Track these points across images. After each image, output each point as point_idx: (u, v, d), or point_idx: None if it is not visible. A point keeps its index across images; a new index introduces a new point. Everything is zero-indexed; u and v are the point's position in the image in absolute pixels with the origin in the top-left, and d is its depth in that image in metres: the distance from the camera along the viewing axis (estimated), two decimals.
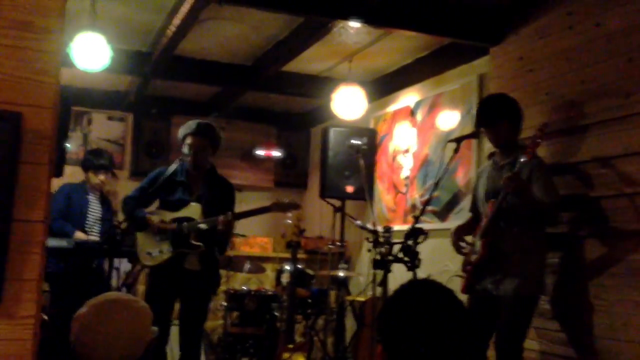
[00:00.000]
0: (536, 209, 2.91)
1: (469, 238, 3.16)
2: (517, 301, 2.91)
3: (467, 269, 3.01)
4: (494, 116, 3.03)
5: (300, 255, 5.31)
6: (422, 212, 3.24)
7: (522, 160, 2.85)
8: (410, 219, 4.75)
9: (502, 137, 3.06)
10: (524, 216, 2.95)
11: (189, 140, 3.53)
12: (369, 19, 3.62)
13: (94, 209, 4.42)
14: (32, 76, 1.35)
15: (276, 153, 6.29)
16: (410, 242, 3.16)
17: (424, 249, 3.27)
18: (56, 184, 4.32)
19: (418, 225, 3.19)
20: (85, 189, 4.45)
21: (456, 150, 3.13)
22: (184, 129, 3.59)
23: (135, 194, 3.61)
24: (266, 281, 5.79)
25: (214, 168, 3.70)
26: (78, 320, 1.56)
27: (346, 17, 3.57)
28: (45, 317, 3.89)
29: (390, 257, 3.23)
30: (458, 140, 3.15)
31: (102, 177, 4.44)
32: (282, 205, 3.60)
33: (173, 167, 3.62)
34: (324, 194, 5.06)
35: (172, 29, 4.10)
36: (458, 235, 3.16)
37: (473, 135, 3.23)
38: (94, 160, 4.46)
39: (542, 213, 2.94)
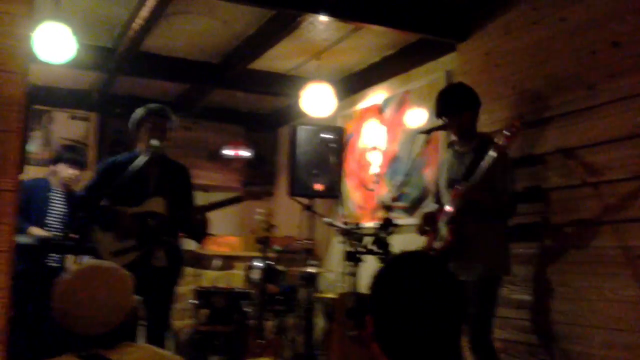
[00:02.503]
0: (492, 208, 3.03)
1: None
2: (481, 284, 2.98)
3: (432, 254, 3.04)
4: (458, 106, 3.09)
5: (269, 254, 5.27)
6: (395, 200, 3.26)
7: (491, 154, 2.87)
8: (379, 215, 4.77)
9: (465, 126, 3.13)
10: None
11: (152, 120, 3.41)
12: (337, 13, 3.64)
13: (57, 206, 4.24)
14: (0, 40, 1.31)
15: (244, 153, 6.25)
16: (382, 234, 3.17)
17: (393, 244, 3.28)
18: None
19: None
20: (48, 184, 4.27)
21: (427, 142, 3.15)
22: (145, 110, 3.45)
23: (87, 192, 3.44)
24: (235, 280, 5.72)
25: (166, 154, 3.54)
26: (60, 285, 1.53)
27: (315, 10, 3.58)
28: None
29: (362, 249, 3.24)
30: (429, 132, 3.17)
31: (72, 171, 4.27)
32: (254, 192, 3.54)
33: (123, 156, 3.48)
34: (292, 192, 5.05)
35: (138, 22, 4.03)
36: (426, 219, 3.22)
37: (444, 127, 3.26)
38: (67, 153, 4.32)
39: (499, 211, 3.05)
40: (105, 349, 1.51)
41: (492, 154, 2.86)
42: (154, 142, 3.33)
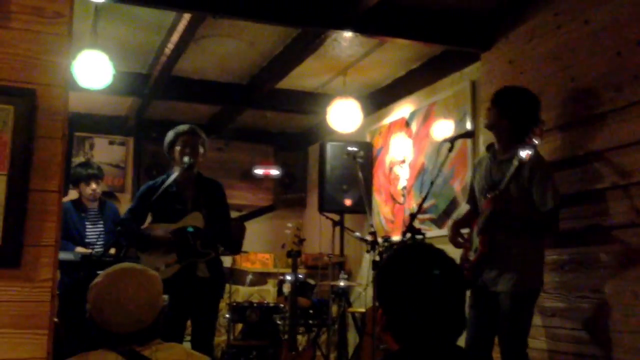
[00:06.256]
0: (526, 222, 2.91)
1: (465, 231, 3.17)
2: (515, 297, 2.89)
3: (466, 266, 2.98)
4: (518, 106, 2.96)
5: (301, 270, 5.34)
6: (418, 211, 3.27)
7: (514, 162, 2.78)
8: (405, 224, 4.80)
9: (511, 131, 2.95)
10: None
11: (183, 139, 3.52)
12: (361, 29, 3.73)
13: (94, 224, 4.32)
14: (44, 57, 1.45)
15: (274, 172, 6.35)
16: (407, 241, 3.20)
17: None
18: None
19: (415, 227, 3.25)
20: (81, 205, 4.33)
21: (450, 150, 3.16)
22: (175, 131, 3.58)
23: (128, 214, 3.57)
24: (268, 296, 5.81)
25: (200, 172, 3.66)
26: (94, 288, 1.62)
27: (339, 26, 3.68)
28: (56, 320, 3.87)
29: None
30: (452, 140, 3.18)
31: (93, 186, 4.32)
32: (286, 200, 3.62)
33: (160, 179, 3.60)
34: (322, 207, 5.13)
35: (170, 47, 4.21)
36: (455, 229, 3.16)
37: (467, 134, 3.28)
38: (82, 171, 4.35)
39: (534, 224, 2.93)
40: (138, 345, 1.59)
41: (514, 162, 2.78)
42: (186, 159, 3.46)
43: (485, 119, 3.09)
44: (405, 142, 5.02)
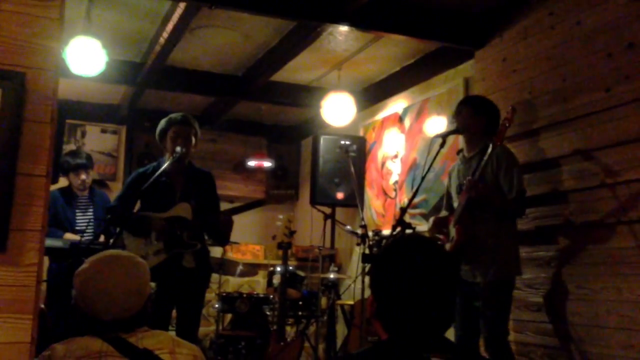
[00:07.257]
0: (500, 207, 3.04)
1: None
2: (494, 287, 2.99)
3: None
4: (478, 105, 3.17)
5: (291, 262, 5.36)
6: (409, 205, 3.30)
7: (490, 149, 2.93)
8: (395, 218, 4.82)
9: (474, 129, 3.14)
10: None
11: (175, 128, 3.49)
12: (357, 23, 3.73)
13: (83, 212, 4.31)
14: (34, 40, 1.44)
15: (267, 164, 6.36)
16: (398, 235, 3.22)
17: None
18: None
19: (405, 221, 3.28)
20: (71, 193, 4.31)
21: (441, 145, 3.19)
22: (167, 120, 3.54)
23: (117, 202, 3.54)
24: (258, 288, 5.83)
25: (191, 162, 3.64)
26: (79, 275, 1.61)
27: (335, 20, 3.68)
28: (42, 306, 3.88)
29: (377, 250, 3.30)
30: (444, 136, 3.21)
31: (82, 176, 4.29)
32: (277, 196, 3.62)
33: (150, 166, 3.58)
34: (314, 200, 5.14)
35: (164, 36, 4.19)
36: (436, 224, 3.25)
37: (459, 130, 3.30)
38: (71, 160, 4.31)
39: (507, 210, 3.06)
40: (124, 332, 1.59)
41: (489, 150, 2.94)
42: (178, 149, 3.45)
43: (457, 120, 3.21)
44: (398, 137, 5.03)
